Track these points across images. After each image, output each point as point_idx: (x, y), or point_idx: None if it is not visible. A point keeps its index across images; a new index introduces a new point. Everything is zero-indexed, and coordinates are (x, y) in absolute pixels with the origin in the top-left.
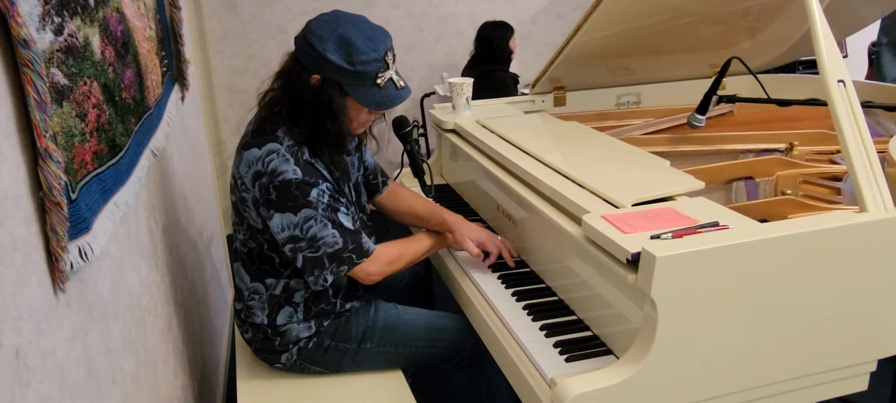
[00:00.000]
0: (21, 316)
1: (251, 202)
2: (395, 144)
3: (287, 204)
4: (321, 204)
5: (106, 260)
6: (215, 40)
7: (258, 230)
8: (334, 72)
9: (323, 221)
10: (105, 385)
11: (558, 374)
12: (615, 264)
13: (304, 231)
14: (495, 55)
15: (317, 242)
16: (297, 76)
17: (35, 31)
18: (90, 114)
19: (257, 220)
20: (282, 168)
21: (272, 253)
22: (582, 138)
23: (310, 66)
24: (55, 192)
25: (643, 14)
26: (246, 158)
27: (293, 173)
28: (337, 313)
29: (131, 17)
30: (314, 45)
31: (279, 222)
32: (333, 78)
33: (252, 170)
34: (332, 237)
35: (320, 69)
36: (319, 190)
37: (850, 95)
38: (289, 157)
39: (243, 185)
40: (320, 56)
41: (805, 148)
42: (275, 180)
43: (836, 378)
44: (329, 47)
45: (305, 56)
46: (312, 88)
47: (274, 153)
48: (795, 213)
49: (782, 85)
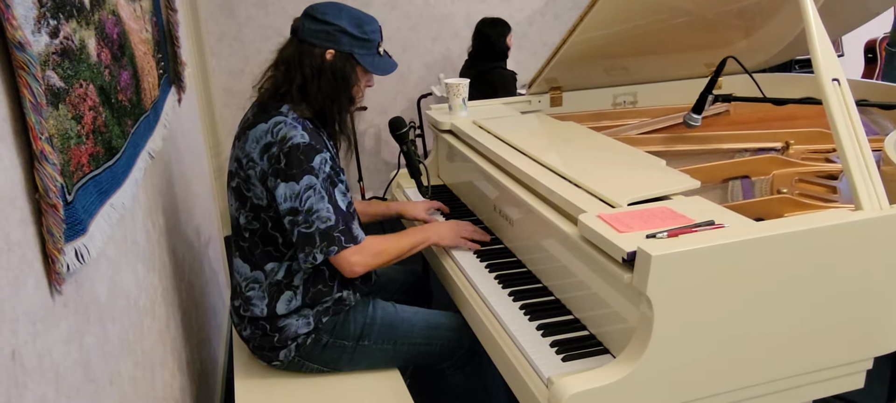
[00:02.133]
0: (17, 317)
1: (257, 177)
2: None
3: (292, 171)
4: (322, 173)
5: (103, 261)
6: (212, 42)
7: (262, 208)
8: (349, 42)
9: (321, 193)
10: (102, 386)
11: (555, 373)
12: (611, 263)
13: (302, 201)
14: (493, 50)
15: (311, 215)
16: (309, 56)
17: (30, 33)
18: (86, 117)
19: (262, 196)
20: (291, 134)
21: (275, 232)
22: (578, 138)
23: (322, 44)
24: (51, 194)
25: (639, 14)
26: (253, 135)
27: (301, 137)
28: (334, 302)
29: (127, 19)
30: (329, 20)
31: (283, 192)
32: (347, 49)
33: (261, 143)
34: (327, 212)
35: (335, 42)
36: (322, 157)
37: (844, 94)
38: (296, 124)
39: (250, 162)
40: (337, 28)
41: (801, 146)
42: (285, 146)
43: (833, 375)
44: (344, 21)
45: (316, 35)
46: (328, 63)
47: (281, 123)
48: (791, 212)
49: (778, 84)
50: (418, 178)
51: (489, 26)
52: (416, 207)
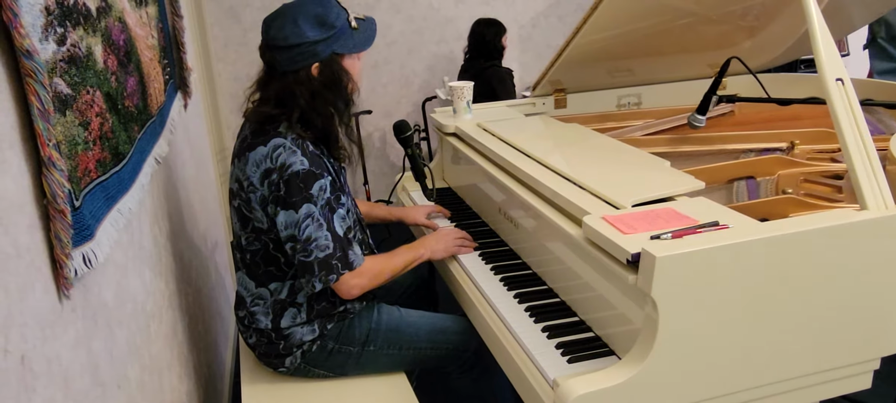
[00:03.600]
0: (26, 322)
1: (258, 202)
2: (396, 149)
3: (292, 199)
4: (321, 201)
5: (110, 266)
6: (217, 48)
7: (263, 230)
8: (324, 46)
9: (319, 221)
10: (110, 391)
11: (560, 375)
12: (616, 265)
13: (301, 230)
14: (489, 50)
15: (310, 244)
16: (296, 83)
17: (38, 41)
18: (93, 123)
19: (263, 220)
20: (290, 160)
21: (277, 253)
22: (582, 140)
23: (303, 64)
24: (59, 200)
25: (642, 15)
26: (252, 158)
27: (300, 163)
28: (339, 313)
29: (133, 26)
30: (294, 42)
31: (284, 220)
32: (326, 52)
33: (261, 169)
34: (325, 240)
35: (313, 56)
36: (321, 185)
37: (848, 93)
38: (295, 149)
39: (250, 186)
40: (307, 43)
41: (806, 146)
42: (284, 174)
43: (840, 376)
44: (307, 31)
45: (293, 61)
46: (317, 79)
47: (280, 147)
48: (796, 212)
49: (783, 84)
50: (423, 181)
51: (484, 26)
52: (416, 213)
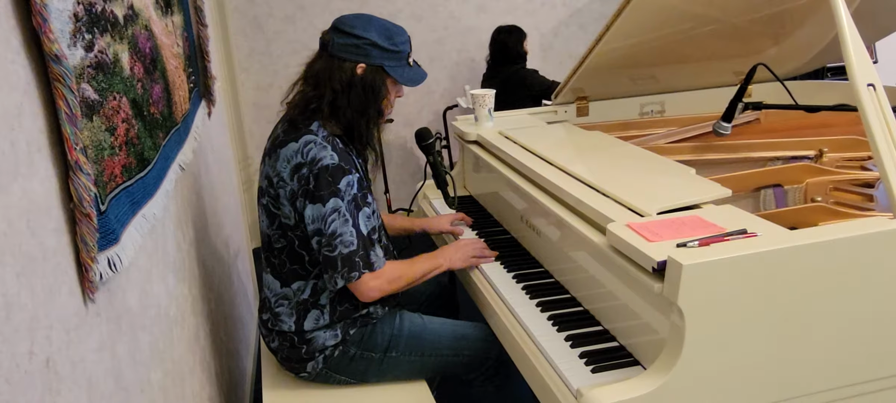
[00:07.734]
0: (51, 325)
1: (287, 197)
2: (418, 157)
3: (320, 193)
4: (348, 195)
5: (134, 271)
6: (241, 57)
7: (290, 227)
8: (379, 55)
9: (345, 216)
10: (133, 395)
11: (584, 385)
12: (641, 273)
13: (327, 224)
14: (512, 56)
15: (335, 239)
16: (339, 70)
17: (66, 47)
18: (119, 129)
19: (290, 215)
20: (320, 155)
21: (302, 251)
22: (605, 147)
23: (352, 58)
24: (85, 204)
25: (665, 23)
26: (283, 154)
27: (331, 158)
28: (361, 317)
29: (159, 34)
30: (359, 34)
31: (311, 213)
32: (377, 62)
33: (292, 164)
34: (350, 236)
35: (365, 56)
36: (349, 181)
37: (880, 99)
38: (325, 145)
39: (280, 181)
40: (367, 42)
41: (835, 154)
42: (314, 168)
43: (872, 389)
44: (374, 34)
45: (346, 50)
46: (358, 77)
47: (311, 143)
48: (826, 221)
49: (810, 91)
50: (445, 189)
51: (505, 33)
52: (440, 222)
